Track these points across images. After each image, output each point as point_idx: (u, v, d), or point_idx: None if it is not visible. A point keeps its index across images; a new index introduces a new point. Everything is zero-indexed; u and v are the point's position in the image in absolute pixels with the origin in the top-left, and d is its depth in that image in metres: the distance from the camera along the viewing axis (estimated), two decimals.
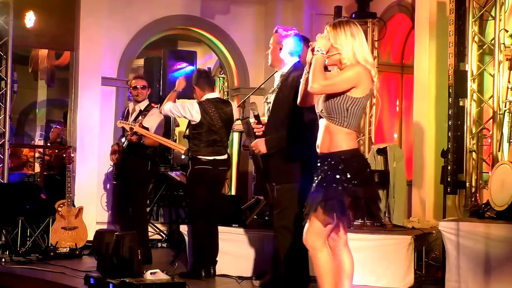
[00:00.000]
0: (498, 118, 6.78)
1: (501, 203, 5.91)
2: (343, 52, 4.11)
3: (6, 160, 8.43)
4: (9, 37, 8.49)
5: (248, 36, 10.10)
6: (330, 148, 4.08)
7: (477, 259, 5.56)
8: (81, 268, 6.78)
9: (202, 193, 6.44)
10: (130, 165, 7.35)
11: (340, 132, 4.08)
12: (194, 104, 6.55)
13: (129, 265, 5.73)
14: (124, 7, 9.43)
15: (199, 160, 6.47)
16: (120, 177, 7.57)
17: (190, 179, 6.58)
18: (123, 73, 9.53)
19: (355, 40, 4.11)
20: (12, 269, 6.89)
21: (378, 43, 8.83)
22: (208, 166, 6.47)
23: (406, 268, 6.07)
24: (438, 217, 6.67)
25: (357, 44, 4.11)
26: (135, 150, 7.28)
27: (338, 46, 4.12)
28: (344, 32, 4.11)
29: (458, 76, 6.90)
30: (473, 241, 5.61)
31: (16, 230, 7.79)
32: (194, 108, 6.48)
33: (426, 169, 7.51)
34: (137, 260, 5.75)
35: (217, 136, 6.50)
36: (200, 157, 6.47)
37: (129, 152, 7.33)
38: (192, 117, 6.48)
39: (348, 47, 4.10)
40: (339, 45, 4.12)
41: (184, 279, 6.13)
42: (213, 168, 6.48)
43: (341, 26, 4.14)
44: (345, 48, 4.10)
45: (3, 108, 8.49)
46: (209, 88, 6.70)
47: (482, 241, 5.54)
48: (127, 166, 7.39)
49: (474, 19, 7.10)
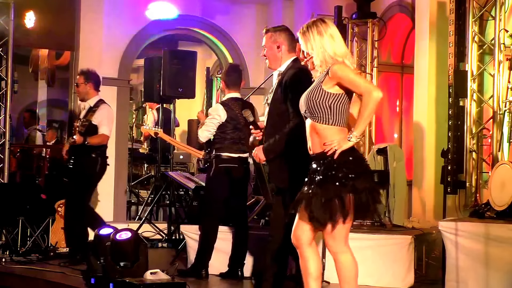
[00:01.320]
0: (498, 118, 6.78)
1: (501, 203, 5.91)
2: (314, 54, 4.10)
3: (6, 160, 8.44)
4: (10, 37, 8.50)
5: (248, 36, 10.11)
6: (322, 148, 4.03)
7: (477, 259, 5.56)
8: (81, 268, 6.78)
9: (223, 193, 6.30)
10: (78, 165, 7.10)
11: (328, 130, 4.03)
12: (217, 106, 6.43)
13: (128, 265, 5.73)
14: (124, 7, 9.44)
15: (224, 158, 6.31)
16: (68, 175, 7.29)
17: (214, 178, 6.36)
18: (123, 73, 9.54)
19: (322, 38, 4.09)
20: (12, 269, 6.89)
21: (378, 43, 8.83)
22: (234, 165, 6.31)
23: (406, 268, 6.07)
24: (438, 217, 6.67)
25: (325, 40, 4.08)
26: (82, 151, 7.04)
27: (309, 51, 4.13)
28: (312, 35, 4.11)
29: (458, 76, 6.90)
30: (473, 241, 5.60)
31: (16, 230, 7.80)
32: (219, 110, 6.33)
33: (426, 169, 7.52)
34: (137, 260, 5.75)
35: (242, 133, 6.31)
36: (225, 154, 6.31)
37: (77, 152, 7.08)
38: (220, 118, 6.32)
39: (317, 47, 4.09)
40: (310, 49, 4.12)
41: (183, 278, 6.15)
42: (239, 166, 6.33)
43: (308, 29, 4.13)
44: (315, 49, 4.10)
45: (3, 108, 8.50)
46: (235, 87, 6.49)
47: (482, 241, 5.54)
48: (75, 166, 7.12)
49: (474, 19, 7.10)
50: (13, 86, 8.54)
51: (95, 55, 9.15)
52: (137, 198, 10.48)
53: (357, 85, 4.02)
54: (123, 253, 5.79)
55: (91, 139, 7.02)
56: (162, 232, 8.88)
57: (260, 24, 10.04)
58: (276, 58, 5.11)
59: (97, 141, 7.09)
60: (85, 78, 7.27)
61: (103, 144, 7.21)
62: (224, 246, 6.54)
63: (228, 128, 6.32)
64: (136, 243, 5.89)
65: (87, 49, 9.13)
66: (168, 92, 9.07)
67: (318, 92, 4.06)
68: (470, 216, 6.44)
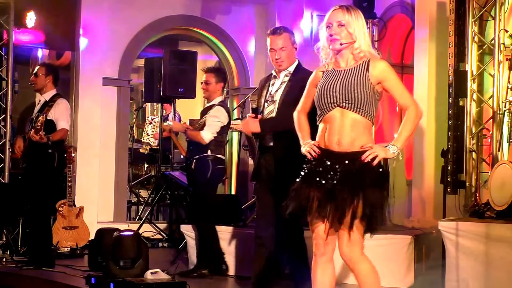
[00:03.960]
0: (498, 118, 6.78)
1: (501, 203, 5.92)
2: (360, 37, 3.81)
3: (7, 160, 8.44)
4: (10, 37, 8.51)
5: (248, 36, 10.11)
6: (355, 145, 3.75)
7: (477, 259, 5.56)
8: (82, 267, 6.79)
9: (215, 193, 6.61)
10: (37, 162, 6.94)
11: (368, 126, 3.76)
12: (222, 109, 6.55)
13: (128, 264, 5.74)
14: (125, 7, 9.45)
15: (220, 160, 6.53)
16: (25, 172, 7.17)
17: (211, 179, 6.53)
18: (124, 73, 9.55)
19: (364, 25, 3.89)
20: (12, 269, 6.89)
21: (378, 43, 8.83)
22: (224, 166, 6.64)
23: (406, 268, 6.08)
24: (438, 217, 6.67)
25: (365, 29, 3.89)
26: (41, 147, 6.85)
27: (353, 32, 3.79)
28: (357, 16, 3.85)
29: (458, 76, 6.91)
30: (473, 241, 5.61)
31: (16, 230, 7.80)
32: (225, 113, 6.53)
33: (426, 169, 7.52)
34: (136, 260, 5.76)
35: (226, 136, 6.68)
36: (220, 156, 6.54)
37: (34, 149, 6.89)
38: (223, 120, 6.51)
39: (365, 32, 3.84)
40: (354, 30, 3.79)
41: (187, 278, 6.18)
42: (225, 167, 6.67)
43: (352, 10, 3.83)
44: (363, 33, 3.83)
45: (4, 108, 8.50)
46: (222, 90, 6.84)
47: (482, 241, 5.54)
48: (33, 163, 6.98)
49: (474, 19, 7.10)
50: (13, 86, 8.55)
51: (95, 55, 9.16)
52: (137, 198, 10.48)
53: (403, 93, 3.82)
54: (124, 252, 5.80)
55: (53, 136, 6.84)
56: (162, 232, 8.89)
57: (260, 24, 10.05)
58: (292, 60, 5.04)
59: (58, 137, 6.93)
60: (46, 70, 7.15)
61: (63, 139, 7.13)
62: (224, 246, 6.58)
63: (224, 130, 6.54)
64: (137, 243, 5.90)
65: (87, 49, 9.14)
66: (168, 92, 9.07)
67: (366, 84, 3.77)
68: (470, 216, 6.45)
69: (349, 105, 3.77)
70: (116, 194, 9.39)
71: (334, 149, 3.79)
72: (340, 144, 3.78)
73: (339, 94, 3.78)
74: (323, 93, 3.83)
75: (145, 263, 5.84)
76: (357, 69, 3.82)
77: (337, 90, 3.79)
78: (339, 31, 3.82)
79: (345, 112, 3.78)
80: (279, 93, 5.01)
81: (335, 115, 3.80)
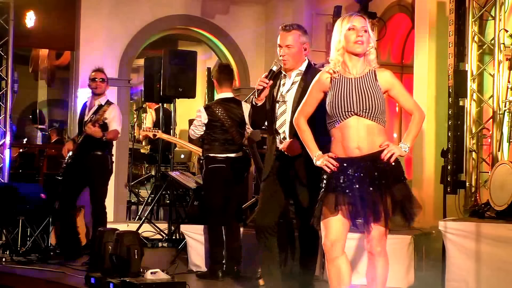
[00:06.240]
0: (498, 118, 6.78)
1: (501, 203, 5.92)
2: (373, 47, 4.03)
3: (6, 160, 8.44)
4: (10, 37, 8.51)
5: (248, 36, 10.11)
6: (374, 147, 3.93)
7: (477, 259, 5.56)
8: (81, 267, 6.79)
9: (217, 193, 6.40)
10: (91, 162, 7.14)
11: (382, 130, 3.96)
12: (200, 108, 6.56)
13: (128, 264, 5.73)
14: (125, 7, 9.45)
15: (212, 159, 6.43)
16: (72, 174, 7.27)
17: (205, 178, 6.51)
18: (124, 73, 9.54)
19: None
20: (12, 269, 6.89)
21: (378, 43, 8.83)
22: (222, 165, 6.40)
23: (406, 267, 6.07)
24: (438, 217, 6.67)
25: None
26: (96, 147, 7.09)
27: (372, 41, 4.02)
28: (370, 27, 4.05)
29: (458, 76, 6.91)
30: (473, 241, 5.60)
31: (16, 230, 7.80)
32: (201, 111, 6.47)
33: (426, 169, 7.51)
34: (136, 260, 5.76)
35: (228, 135, 6.43)
36: (214, 155, 6.43)
37: (88, 149, 7.12)
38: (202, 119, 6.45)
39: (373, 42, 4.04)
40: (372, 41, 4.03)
41: (202, 279, 6.20)
42: (227, 166, 6.40)
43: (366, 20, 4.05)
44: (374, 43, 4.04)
45: (4, 108, 8.50)
46: (227, 85, 6.58)
47: (482, 241, 5.54)
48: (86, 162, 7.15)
49: (474, 19, 7.10)
50: (13, 86, 8.56)
51: (95, 55, 9.16)
52: (137, 198, 10.48)
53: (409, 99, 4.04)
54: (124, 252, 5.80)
55: (107, 133, 7.06)
56: (162, 232, 8.88)
57: (260, 24, 10.06)
58: (300, 59, 4.94)
59: (111, 136, 7.14)
60: (106, 77, 7.42)
61: (114, 140, 7.30)
62: None
63: (216, 128, 6.43)
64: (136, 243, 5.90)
65: (87, 49, 9.14)
66: (168, 92, 9.08)
67: (379, 93, 3.96)
68: (470, 216, 6.45)
69: (366, 114, 3.91)
70: (116, 194, 9.38)
71: (355, 155, 3.92)
72: (361, 149, 3.92)
73: (357, 103, 3.91)
74: (339, 101, 3.94)
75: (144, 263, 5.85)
76: (368, 78, 3.98)
77: (355, 100, 3.93)
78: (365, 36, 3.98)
79: (361, 119, 3.92)
80: (290, 94, 4.92)
81: (350, 123, 3.93)
